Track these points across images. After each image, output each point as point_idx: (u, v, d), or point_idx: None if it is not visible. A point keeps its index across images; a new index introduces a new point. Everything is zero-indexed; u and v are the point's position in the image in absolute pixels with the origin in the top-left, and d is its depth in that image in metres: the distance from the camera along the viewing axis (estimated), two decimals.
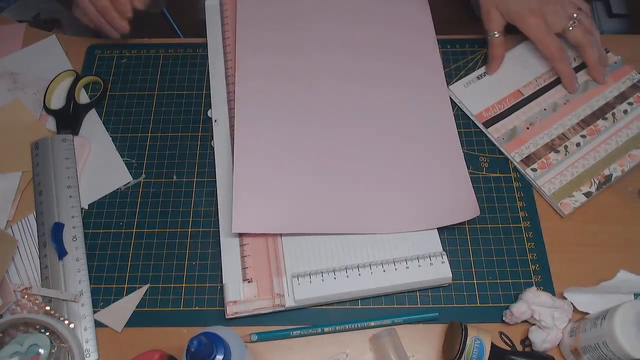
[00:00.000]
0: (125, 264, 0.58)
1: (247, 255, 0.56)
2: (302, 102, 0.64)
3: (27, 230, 0.59)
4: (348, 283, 0.54)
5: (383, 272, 0.54)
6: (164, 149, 0.64)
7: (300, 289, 0.54)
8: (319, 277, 0.54)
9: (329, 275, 0.54)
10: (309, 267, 0.55)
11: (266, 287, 0.55)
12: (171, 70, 0.70)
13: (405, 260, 0.55)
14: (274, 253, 0.56)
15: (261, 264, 0.56)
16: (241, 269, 0.56)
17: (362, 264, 0.55)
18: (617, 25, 0.88)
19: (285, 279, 0.55)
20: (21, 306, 0.55)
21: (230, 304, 0.54)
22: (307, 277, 0.54)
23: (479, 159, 0.63)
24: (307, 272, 0.54)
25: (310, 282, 0.54)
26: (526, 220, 0.60)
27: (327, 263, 0.55)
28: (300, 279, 0.54)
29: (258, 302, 0.54)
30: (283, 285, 0.54)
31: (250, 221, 0.56)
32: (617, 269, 0.54)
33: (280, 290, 0.54)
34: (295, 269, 0.55)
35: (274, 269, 0.55)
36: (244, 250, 0.56)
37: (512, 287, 0.56)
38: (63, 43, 0.73)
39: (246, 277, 0.55)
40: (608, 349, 0.46)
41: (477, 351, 0.49)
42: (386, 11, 0.71)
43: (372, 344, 0.54)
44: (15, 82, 0.69)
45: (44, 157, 0.62)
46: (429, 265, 0.55)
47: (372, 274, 0.54)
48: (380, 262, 0.55)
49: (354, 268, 0.55)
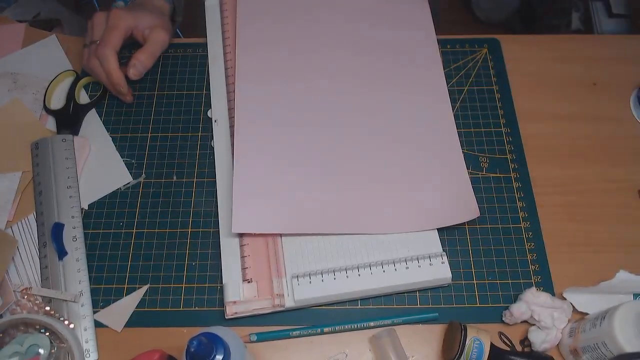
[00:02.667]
0: (125, 264, 0.58)
1: (247, 255, 0.56)
2: (302, 103, 0.64)
3: (27, 231, 0.59)
4: (348, 283, 0.54)
5: (383, 272, 0.54)
6: (164, 149, 0.65)
7: (300, 289, 0.54)
8: (318, 277, 0.54)
9: (329, 276, 0.54)
10: (309, 268, 0.55)
11: (266, 288, 0.55)
12: (171, 70, 0.70)
13: (405, 261, 0.55)
14: (273, 253, 0.56)
15: (261, 264, 0.56)
16: (241, 269, 0.56)
17: (362, 264, 0.55)
18: (617, 25, 0.88)
19: (285, 280, 0.55)
20: (21, 306, 0.55)
21: (230, 304, 0.54)
22: (307, 277, 0.54)
23: (479, 159, 0.63)
24: (307, 273, 0.54)
25: (310, 283, 0.54)
26: (526, 221, 0.60)
27: (327, 263, 0.55)
28: (300, 279, 0.54)
29: (258, 302, 0.54)
30: (283, 286, 0.54)
31: (250, 221, 0.56)
32: (616, 269, 0.54)
33: (280, 290, 0.54)
34: (295, 269, 0.55)
35: (273, 269, 0.55)
36: (243, 251, 0.56)
37: (511, 288, 0.56)
38: (63, 43, 0.73)
39: (246, 278, 0.55)
40: (607, 349, 0.46)
41: (477, 351, 0.49)
42: (386, 11, 0.71)
43: (371, 344, 0.54)
44: (15, 82, 0.69)
45: (44, 157, 0.62)
46: (428, 265, 0.55)
47: (372, 275, 0.54)
48: (380, 263, 0.55)
49: (354, 268, 0.55)
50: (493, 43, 0.72)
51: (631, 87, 0.68)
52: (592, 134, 0.65)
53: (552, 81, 0.69)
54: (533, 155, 0.64)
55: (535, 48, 0.71)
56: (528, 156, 0.63)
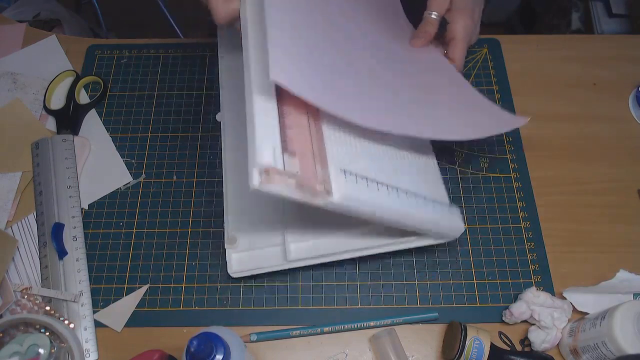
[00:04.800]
0: (125, 264, 0.58)
1: (290, 128, 0.44)
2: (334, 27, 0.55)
3: (27, 230, 0.59)
4: (389, 198, 0.45)
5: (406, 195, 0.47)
6: (164, 149, 0.65)
7: (349, 187, 0.43)
8: (363, 182, 0.44)
9: (376, 185, 0.45)
10: (356, 167, 0.45)
11: (309, 171, 0.43)
12: (171, 70, 0.70)
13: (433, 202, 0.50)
14: (316, 136, 0.46)
15: (304, 143, 0.44)
16: (280, 141, 0.43)
17: (400, 187, 0.47)
18: (617, 25, 0.88)
19: (331, 171, 0.43)
20: (21, 306, 0.55)
21: (265, 172, 0.39)
22: (355, 176, 0.44)
23: (479, 159, 0.63)
24: (355, 172, 0.45)
25: (356, 182, 0.44)
26: (526, 221, 0.60)
27: (370, 170, 0.46)
28: (348, 176, 0.44)
29: (299, 180, 0.41)
30: (329, 177, 0.43)
31: (290, 73, 0.43)
32: (617, 269, 0.54)
33: (327, 179, 0.43)
34: (340, 164, 0.44)
35: (317, 155, 0.44)
36: (284, 122, 0.44)
37: (511, 287, 0.56)
38: (63, 43, 0.73)
39: (288, 149, 0.42)
40: (607, 349, 0.46)
41: (477, 351, 0.49)
42: None
43: (371, 344, 0.54)
44: (15, 82, 0.69)
45: (44, 157, 0.62)
46: (447, 211, 0.50)
47: (405, 196, 0.47)
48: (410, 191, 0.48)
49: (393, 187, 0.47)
50: (493, 43, 0.72)
51: (631, 87, 0.68)
52: (592, 134, 0.65)
53: (552, 81, 0.69)
54: (533, 155, 0.64)
55: (535, 48, 0.71)
56: (528, 156, 0.63)
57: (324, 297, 0.56)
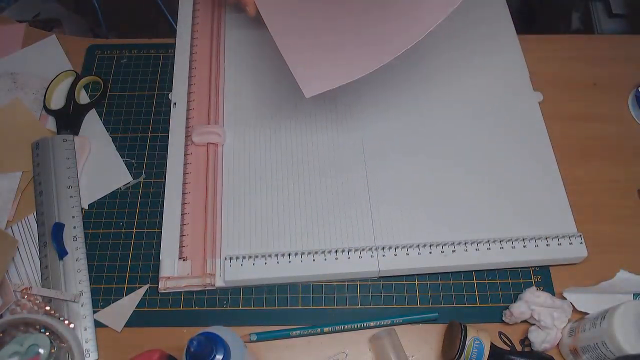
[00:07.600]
0: (125, 264, 0.58)
1: (186, 234, 0.58)
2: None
3: (27, 230, 0.59)
4: (279, 269, 0.55)
5: (324, 260, 0.56)
6: (164, 149, 0.64)
7: (232, 271, 0.55)
8: (250, 260, 0.56)
9: (260, 260, 0.56)
10: (246, 251, 0.57)
11: (199, 266, 0.56)
12: (171, 70, 0.70)
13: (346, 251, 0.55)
14: (211, 234, 0.58)
15: (197, 246, 0.57)
16: (179, 247, 0.57)
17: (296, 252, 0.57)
18: (617, 25, 0.88)
19: (219, 260, 0.56)
20: (21, 306, 0.55)
21: (163, 279, 0.55)
22: (239, 260, 0.56)
23: None
24: (240, 256, 0.56)
25: (241, 265, 0.55)
26: None
27: (266, 248, 0.57)
28: (233, 261, 0.56)
29: (189, 279, 0.56)
30: (216, 266, 0.56)
31: (318, 79, 0.53)
32: (617, 269, 0.54)
33: (213, 270, 0.56)
34: (230, 251, 0.57)
35: (209, 250, 0.57)
36: (183, 230, 0.58)
37: (511, 287, 0.56)
38: (63, 43, 0.73)
39: (182, 255, 0.57)
40: (607, 349, 0.46)
41: (477, 351, 0.49)
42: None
43: (371, 344, 0.54)
44: (15, 82, 0.69)
45: (44, 157, 0.62)
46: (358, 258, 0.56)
47: (301, 262, 0.56)
48: (325, 251, 0.56)
49: (285, 255, 0.56)
50: None
51: (631, 87, 0.68)
52: (592, 134, 0.65)
53: (551, 81, 0.69)
54: None
55: (535, 48, 0.71)
56: None
57: (324, 297, 0.56)
